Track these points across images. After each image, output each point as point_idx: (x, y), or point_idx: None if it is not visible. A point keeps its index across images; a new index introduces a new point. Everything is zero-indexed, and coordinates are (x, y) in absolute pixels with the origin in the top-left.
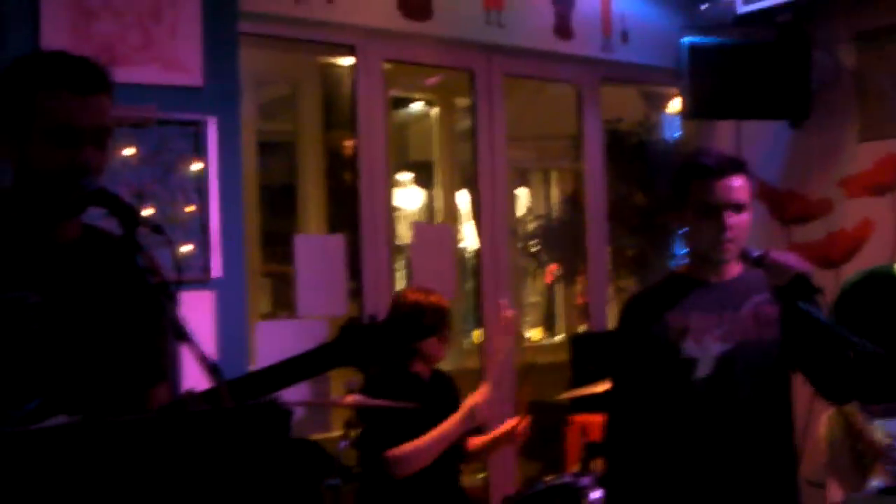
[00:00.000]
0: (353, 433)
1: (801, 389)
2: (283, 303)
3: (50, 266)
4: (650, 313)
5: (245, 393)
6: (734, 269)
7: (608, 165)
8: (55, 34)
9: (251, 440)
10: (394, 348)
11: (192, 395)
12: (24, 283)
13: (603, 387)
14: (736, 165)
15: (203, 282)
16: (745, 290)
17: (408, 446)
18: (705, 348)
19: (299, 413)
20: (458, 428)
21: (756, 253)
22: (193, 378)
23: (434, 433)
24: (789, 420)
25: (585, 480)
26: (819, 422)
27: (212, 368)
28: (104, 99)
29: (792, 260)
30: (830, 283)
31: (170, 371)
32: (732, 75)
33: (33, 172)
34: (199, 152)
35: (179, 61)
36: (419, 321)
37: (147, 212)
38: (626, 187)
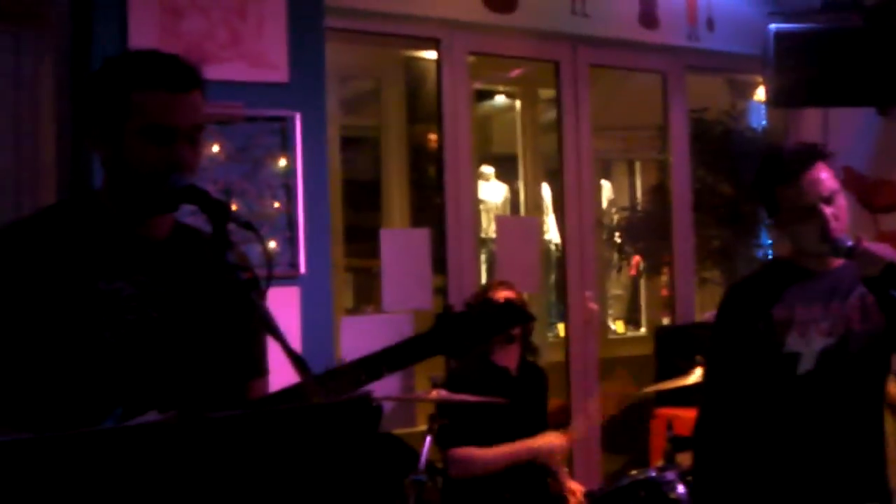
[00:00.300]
0: (437, 428)
1: None
2: (366, 297)
3: (143, 261)
4: (753, 304)
5: (347, 381)
6: (839, 258)
7: (693, 155)
8: (143, 32)
9: (342, 436)
10: (489, 335)
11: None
12: (118, 276)
13: (689, 380)
14: (813, 155)
15: (291, 278)
16: (851, 280)
17: (470, 451)
18: (809, 342)
19: (385, 408)
20: (527, 456)
21: (848, 243)
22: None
23: (502, 450)
24: (882, 410)
25: (670, 475)
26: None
27: (301, 364)
28: (197, 96)
29: (883, 249)
30: None
31: (267, 365)
32: (819, 62)
33: (127, 170)
34: (286, 148)
35: (266, 58)
36: (515, 308)
37: (234, 209)
38: (711, 177)
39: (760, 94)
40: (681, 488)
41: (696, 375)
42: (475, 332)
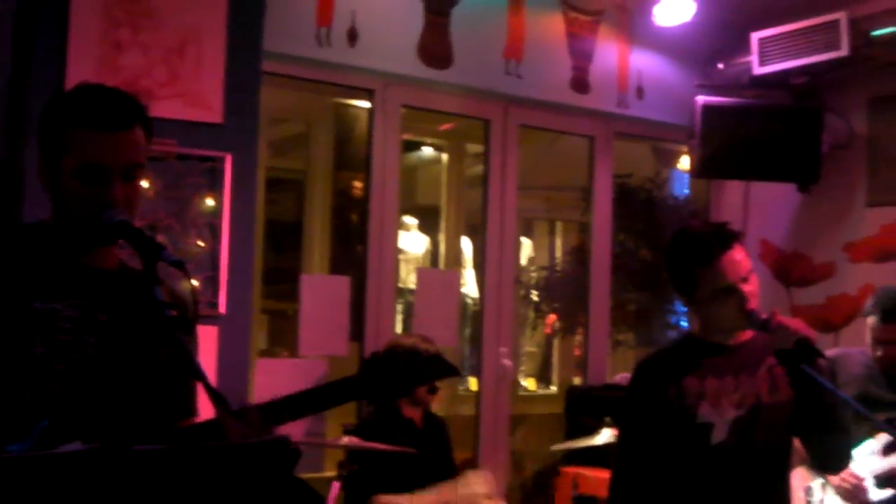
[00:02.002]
0: (345, 474)
1: None
2: (280, 340)
3: (84, 287)
4: (665, 376)
5: (266, 419)
6: (748, 331)
7: (615, 219)
8: (82, 66)
9: (260, 476)
10: (414, 384)
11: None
12: (56, 297)
13: (596, 440)
14: (730, 237)
15: (211, 317)
16: (760, 353)
17: (396, 499)
18: (721, 413)
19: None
20: (451, 502)
21: (763, 317)
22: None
23: (429, 497)
24: (789, 471)
25: None
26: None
27: (220, 401)
28: (135, 133)
29: (796, 324)
30: (830, 346)
31: (196, 406)
32: (744, 136)
33: (64, 205)
34: (215, 188)
35: (202, 98)
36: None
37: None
38: (631, 241)
39: (684, 163)
40: None
41: (604, 436)
42: (401, 380)
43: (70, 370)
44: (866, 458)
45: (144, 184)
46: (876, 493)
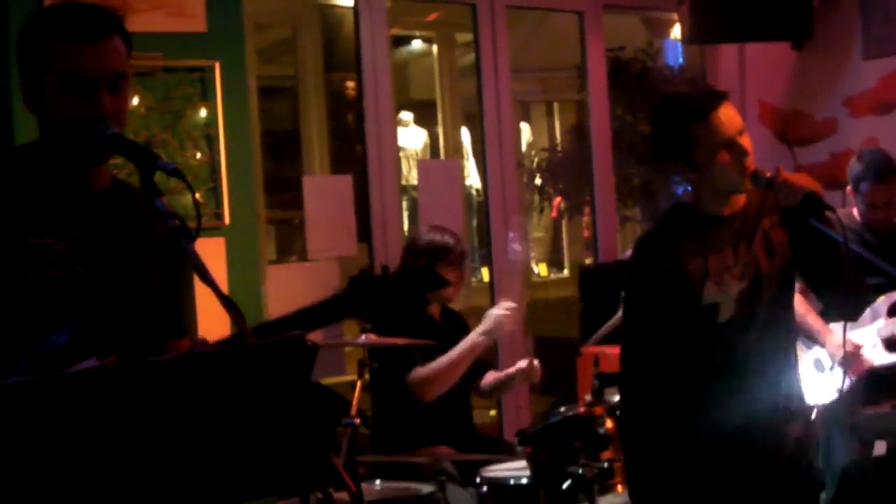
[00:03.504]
0: (367, 374)
1: None
2: (288, 249)
3: (78, 214)
4: (665, 256)
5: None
6: (741, 196)
7: (611, 94)
8: None
9: (279, 376)
10: (404, 301)
11: (206, 344)
12: (51, 230)
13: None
14: (719, 94)
15: (216, 228)
16: (755, 218)
17: (427, 368)
18: (725, 290)
19: None
20: (482, 342)
21: (766, 174)
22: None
23: (455, 351)
24: (795, 338)
25: (598, 410)
26: None
27: (232, 308)
28: (115, 42)
29: (801, 179)
30: (837, 202)
31: (191, 328)
32: None
33: (53, 122)
34: (206, 98)
35: (184, 7)
36: (431, 273)
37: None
38: (630, 116)
39: (676, 31)
40: (609, 423)
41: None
42: (389, 297)
43: (62, 306)
44: (871, 323)
45: (135, 100)
46: (885, 357)
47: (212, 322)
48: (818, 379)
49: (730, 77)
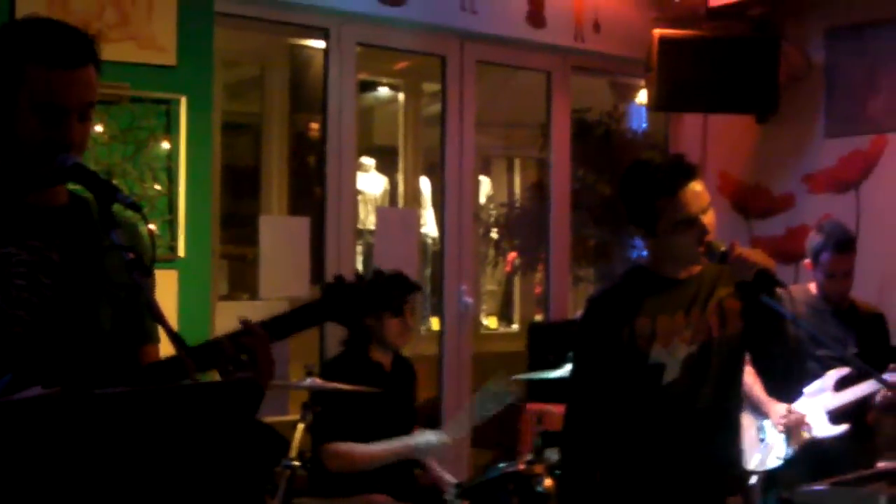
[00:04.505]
0: (310, 417)
1: None
2: (241, 285)
3: (37, 227)
4: (617, 314)
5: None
6: (700, 264)
7: (574, 154)
8: (32, 6)
9: (223, 416)
10: (379, 304)
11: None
12: (9, 241)
13: (559, 373)
14: (690, 169)
15: (170, 261)
16: (709, 286)
17: (351, 447)
18: (672, 352)
19: None
20: (407, 454)
21: (721, 248)
22: None
23: (380, 448)
24: (740, 409)
25: (538, 468)
26: None
27: (180, 345)
28: (90, 72)
29: (756, 255)
30: (790, 278)
31: (156, 333)
32: (701, 68)
33: (17, 142)
34: (170, 131)
35: (154, 40)
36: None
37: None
38: (591, 177)
39: (642, 97)
40: (548, 482)
41: (567, 370)
42: (365, 301)
43: (26, 315)
44: (817, 395)
45: (99, 128)
46: (829, 429)
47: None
48: (761, 448)
49: (692, 146)
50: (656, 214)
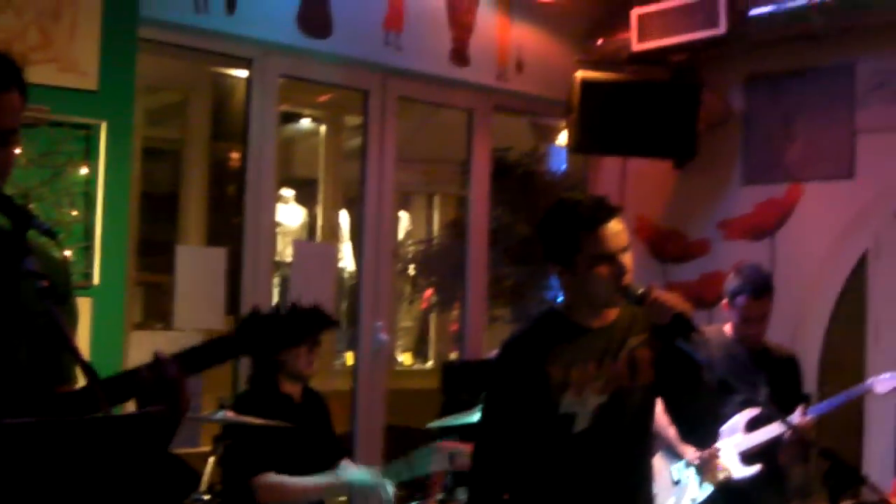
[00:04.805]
0: (221, 450)
1: None
2: (155, 313)
3: None
4: (530, 361)
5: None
6: (612, 311)
7: (493, 193)
8: None
9: (133, 447)
10: (296, 337)
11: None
12: None
13: (473, 416)
14: (612, 208)
15: (84, 288)
16: (622, 335)
17: (283, 480)
18: (584, 402)
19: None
20: (337, 490)
21: (639, 290)
22: None
23: (309, 484)
24: (651, 455)
25: None
26: None
27: (91, 375)
28: (14, 97)
29: (673, 299)
30: (703, 323)
31: (73, 372)
32: (622, 112)
33: None
34: (89, 157)
35: (77, 63)
36: (321, 313)
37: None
38: (509, 216)
39: (562, 138)
40: None
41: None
42: (282, 335)
43: None
44: (730, 436)
45: (16, 151)
46: (741, 470)
47: None
48: (675, 491)
49: (610, 188)
50: (576, 248)
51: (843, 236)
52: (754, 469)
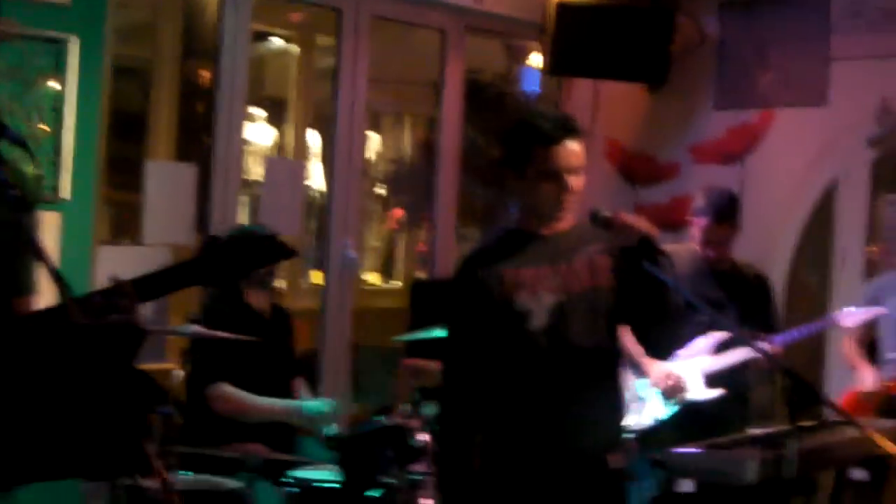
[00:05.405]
0: (188, 364)
1: None
2: (123, 230)
3: None
4: (485, 268)
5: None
6: (566, 221)
7: (465, 115)
8: None
9: (104, 357)
10: (252, 267)
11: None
12: None
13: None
14: (574, 129)
15: (52, 202)
16: (577, 242)
17: (240, 394)
18: (539, 300)
19: None
20: (291, 416)
21: (605, 213)
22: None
23: (265, 404)
24: (618, 365)
25: (414, 422)
26: None
27: (62, 283)
28: None
29: (639, 223)
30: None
31: (33, 284)
32: (596, 35)
33: None
34: (60, 71)
35: None
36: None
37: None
38: (481, 138)
39: (536, 60)
40: (425, 436)
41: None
42: (239, 262)
43: None
44: (695, 357)
45: None
46: (705, 392)
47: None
48: (638, 407)
49: (582, 111)
50: (528, 159)
51: (813, 163)
52: (718, 392)
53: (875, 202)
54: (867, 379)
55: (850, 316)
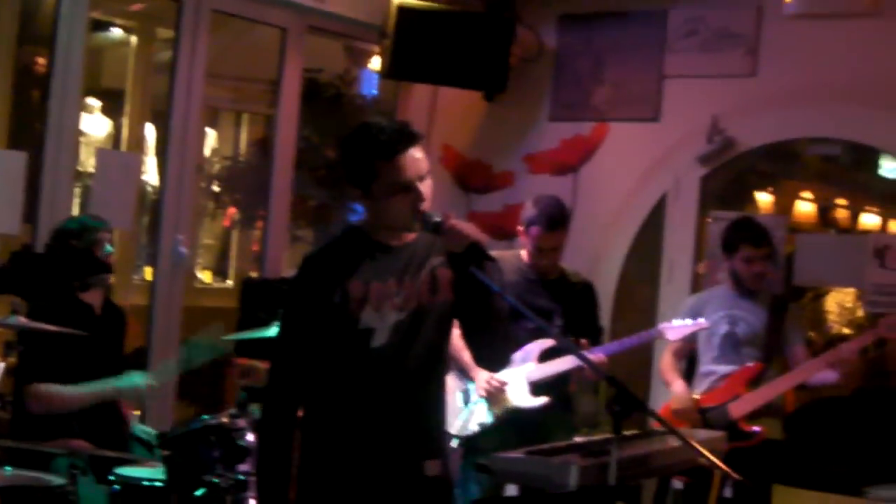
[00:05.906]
0: (14, 357)
1: None
2: None
3: None
4: (330, 275)
5: None
6: (413, 232)
7: (302, 114)
8: None
9: None
10: (63, 282)
11: None
12: None
13: (269, 332)
14: (413, 136)
15: None
16: (423, 254)
17: (51, 388)
18: (383, 317)
19: None
20: (108, 396)
21: (435, 218)
22: None
23: (75, 393)
24: (444, 374)
25: (241, 423)
26: None
27: None
28: None
29: (468, 228)
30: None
31: None
32: (436, 40)
33: None
34: None
35: None
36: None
37: None
38: (317, 138)
39: (375, 63)
40: (250, 437)
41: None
42: (51, 276)
43: None
44: (521, 365)
45: None
46: (530, 400)
47: None
48: (463, 413)
49: (419, 116)
50: (373, 176)
51: (644, 177)
52: (542, 400)
53: (703, 217)
54: (679, 394)
55: (675, 329)
